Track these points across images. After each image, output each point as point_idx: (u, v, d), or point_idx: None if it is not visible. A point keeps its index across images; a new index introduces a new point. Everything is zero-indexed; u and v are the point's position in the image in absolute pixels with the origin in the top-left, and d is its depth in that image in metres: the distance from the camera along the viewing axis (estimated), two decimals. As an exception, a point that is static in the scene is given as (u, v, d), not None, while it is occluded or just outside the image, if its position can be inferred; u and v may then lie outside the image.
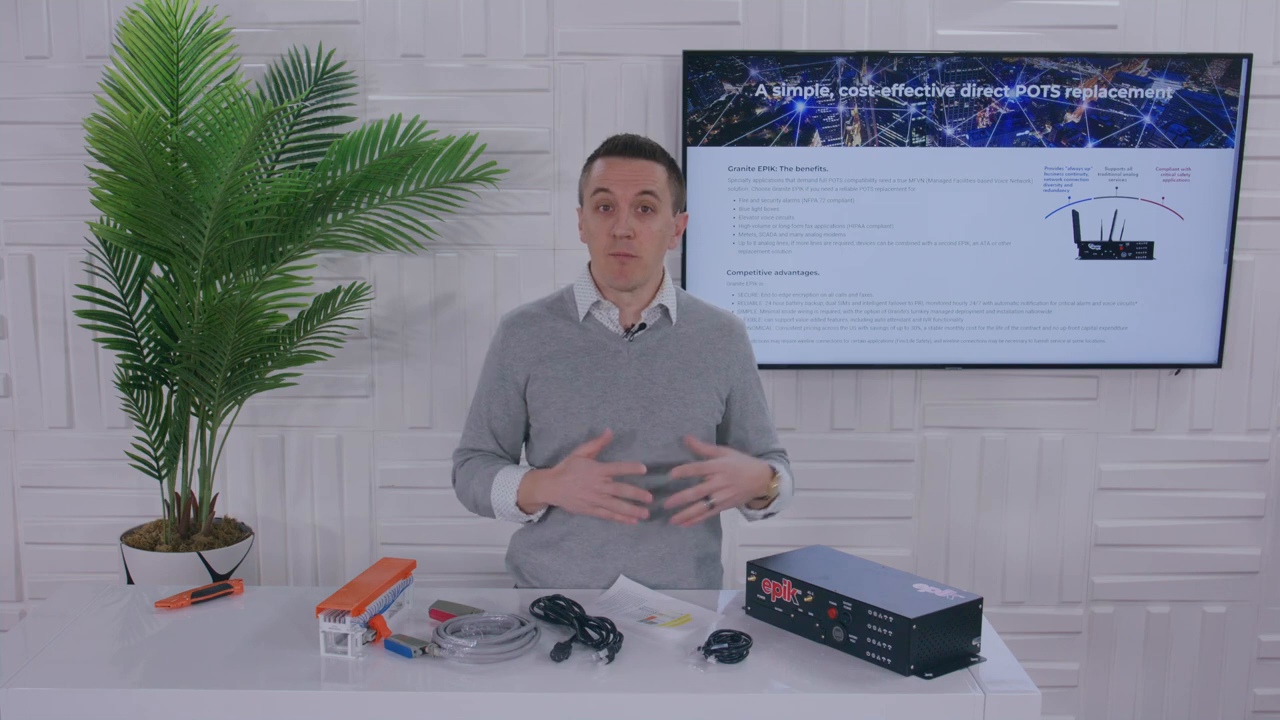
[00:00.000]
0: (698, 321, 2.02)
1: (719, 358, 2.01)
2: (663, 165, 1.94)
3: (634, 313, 1.98)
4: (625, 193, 1.89)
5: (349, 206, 2.74)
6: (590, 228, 1.95)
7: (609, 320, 1.98)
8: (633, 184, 1.90)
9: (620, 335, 1.97)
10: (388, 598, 1.69)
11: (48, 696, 1.53)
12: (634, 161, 1.91)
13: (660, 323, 1.99)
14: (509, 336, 2.01)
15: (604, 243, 1.92)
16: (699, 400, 1.97)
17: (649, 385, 1.95)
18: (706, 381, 1.99)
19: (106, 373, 2.91)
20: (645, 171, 1.91)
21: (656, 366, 1.96)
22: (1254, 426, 3.00)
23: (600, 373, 1.95)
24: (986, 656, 1.61)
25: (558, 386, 1.96)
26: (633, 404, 1.94)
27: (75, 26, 2.83)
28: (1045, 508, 3.03)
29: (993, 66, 2.78)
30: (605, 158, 1.94)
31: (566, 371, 1.96)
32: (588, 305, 1.98)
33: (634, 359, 1.96)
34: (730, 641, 1.61)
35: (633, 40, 2.84)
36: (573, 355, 1.97)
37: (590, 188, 1.94)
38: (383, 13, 2.84)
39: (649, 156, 1.93)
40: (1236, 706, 3.11)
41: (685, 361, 1.98)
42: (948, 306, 2.88)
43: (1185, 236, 2.86)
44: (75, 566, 3.01)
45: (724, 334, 2.03)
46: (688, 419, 1.96)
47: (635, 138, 1.96)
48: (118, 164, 2.44)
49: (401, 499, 3.01)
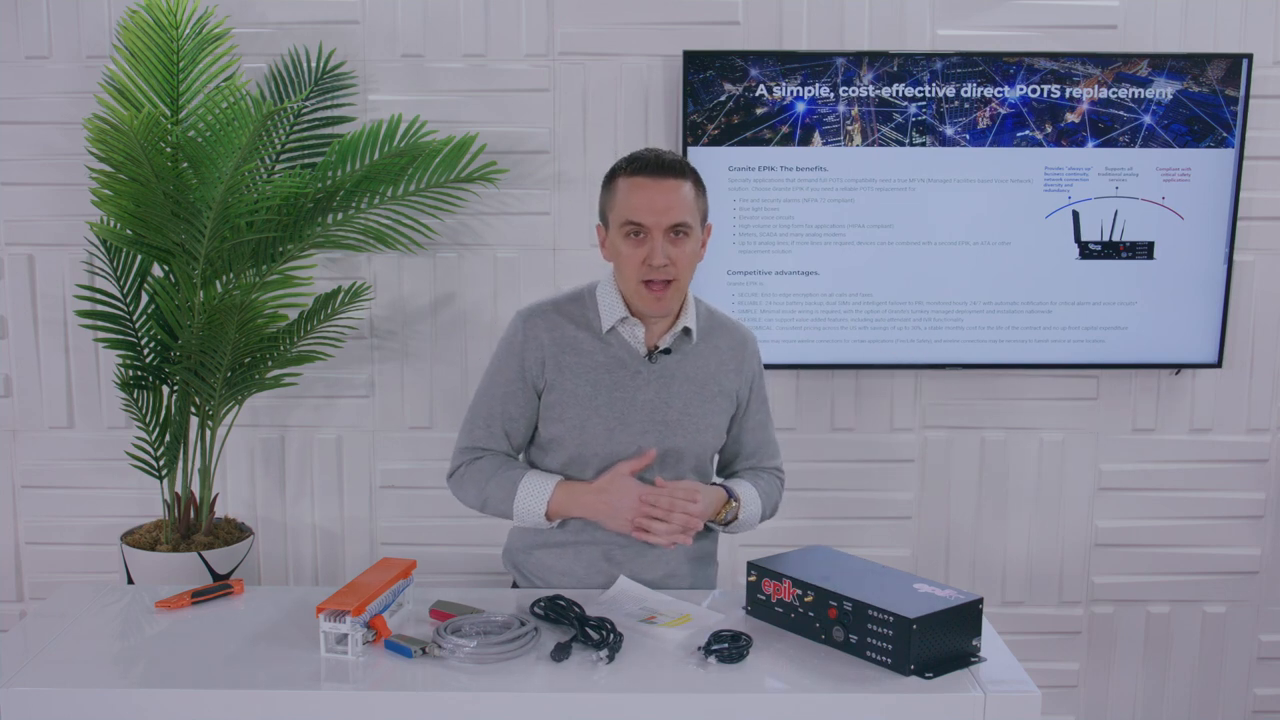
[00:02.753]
0: (714, 340, 1.99)
1: (730, 380, 1.99)
2: (690, 182, 1.87)
3: (659, 333, 1.94)
4: (658, 222, 1.83)
5: (349, 206, 2.74)
6: (621, 252, 1.87)
7: (633, 338, 1.93)
8: (666, 214, 1.83)
9: (642, 355, 1.93)
10: (388, 598, 1.69)
11: (48, 696, 1.53)
12: (664, 183, 1.84)
13: (680, 342, 1.96)
14: (529, 336, 1.93)
15: (637, 270, 1.85)
16: (710, 425, 1.97)
17: (665, 409, 1.93)
18: (718, 405, 1.98)
19: (106, 373, 2.91)
20: (676, 197, 1.84)
21: (673, 390, 1.94)
22: (1254, 426, 3.00)
23: (620, 393, 1.91)
24: (986, 656, 1.61)
25: (575, 402, 1.91)
26: (648, 428, 1.92)
27: (75, 26, 2.83)
28: (1045, 508, 3.03)
29: (993, 66, 2.78)
30: (631, 178, 1.86)
31: (586, 388, 1.91)
32: (613, 320, 1.92)
33: (653, 380, 1.93)
34: (730, 641, 1.61)
35: (633, 40, 2.84)
36: (593, 371, 1.92)
37: (618, 215, 1.86)
38: (383, 13, 2.84)
39: (678, 175, 1.85)
40: (1236, 706, 3.11)
41: (700, 385, 1.96)
42: (948, 306, 2.88)
43: (1185, 236, 2.86)
44: (75, 566, 3.01)
45: (736, 352, 2.01)
46: (698, 444, 1.96)
47: (661, 156, 1.87)
48: (118, 164, 2.44)
49: (401, 499, 3.01)
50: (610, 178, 1.91)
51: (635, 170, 1.86)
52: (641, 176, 1.85)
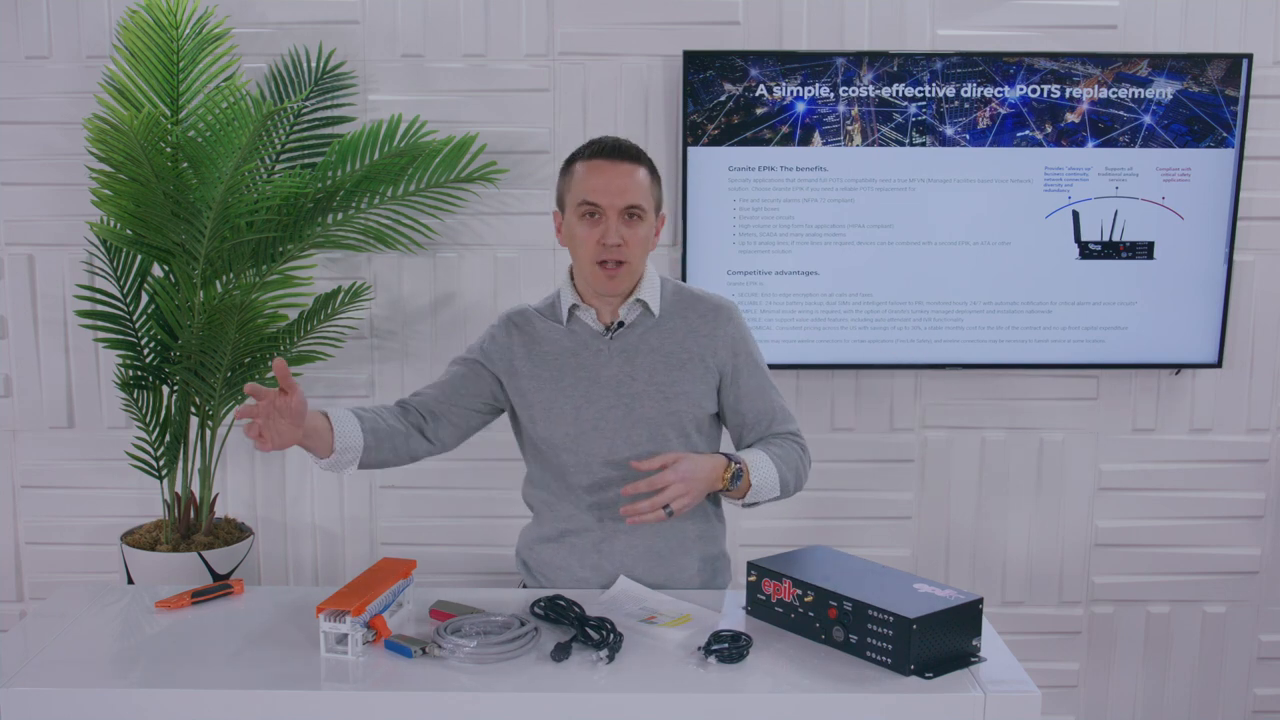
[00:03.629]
0: (683, 311, 2.00)
1: (703, 344, 1.98)
2: (645, 168, 1.93)
3: (612, 310, 1.98)
4: (613, 203, 1.89)
5: (349, 206, 2.74)
6: (576, 235, 1.93)
7: (590, 320, 1.99)
8: (620, 195, 1.89)
9: (601, 334, 1.98)
10: (388, 598, 1.69)
11: (48, 696, 1.53)
12: (619, 166, 1.90)
13: (642, 317, 1.99)
14: (502, 333, 2.03)
15: (592, 251, 1.91)
16: (682, 393, 1.96)
17: (630, 382, 1.95)
18: (690, 372, 1.97)
19: (106, 373, 2.91)
20: (631, 180, 1.90)
21: (638, 362, 1.96)
22: (1254, 426, 3.00)
23: (583, 372, 1.97)
24: (986, 656, 1.61)
25: (542, 386, 1.98)
26: (614, 402, 1.95)
27: (75, 26, 2.83)
28: (1045, 508, 3.03)
29: (993, 66, 2.78)
30: (588, 161, 1.92)
31: (552, 372, 1.98)
32: (567, 305, 1.99)
33: (615, 356, 1.97)
34: (730, 641, 1.61)
35: (633, 40, 2.84)
36: (559, 356, 1.99)
37: (574, 196, 1.93)
38: (383, 13, 2.84)
39: (632, 159, 1.92)
40: (1236, 706, 3.11)
41: (667, 354, 1.97)
42: (948, 306, 2.88)
43: (1185, 236, 2.86)
44: (75, 566, 3.01)
45: (708, 319, 2.00)
46: (670, 413, 1.95)
47: (619, 141, 1.94)
48: (118, 164, 2.44)
49: (401, 499, 3.01)
50: (568, 164, 1.97)
51: (593, 154, 1.93)
52: (599, 160, 1.92)
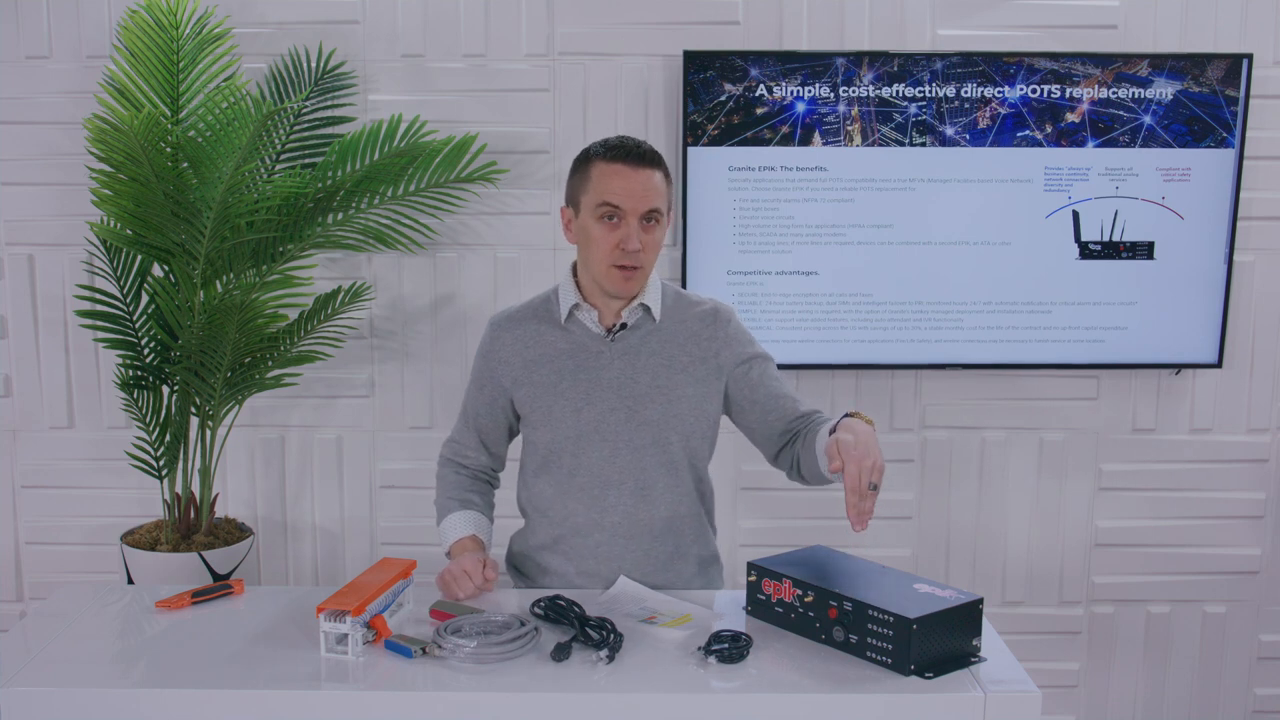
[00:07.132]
0: (682, 316, 2.00)
1: (705, 348, 1.98)
2: (661, 172, 1.91)
3: (614, 313, 1.96)
4: (635, 207, 1.86)
5: (349, 206, 2.74)
6: (592, 235, 1.89)
7: (590, 321, 1.96)
8: (643, 200, 1.86)
9: (602, 336, 1.96)
10: (388, 598, 1.69)
11: (48, 696, 1.53)
12: (640, 172, 1.87)
13: (642, 320, 1.97)
14: (495, 340, 2.01)
15: (608, 254, 1.88)
16: (686, 396, 1.95)
17: (632, 384, 1.94)
18: (694, 375, 1.96)
19: (106, 373, 2.91)
20: (652, 184, 1.88)
21: (640, 365, 1.95)
22: (1254, 426, 3.00)
23: (584, 375, 1.94)
24: (987, 656, 1.60)
25: (542, 391, 1.96)
26: (616, 404, 1.93)
27: (75, 26, 2.83)
28: (1045, 508, 3.03)
29: (993, 66, 2.78)
30: (609, 164, 1.88)
31: (551, 376, 1.95)
32: (569, 306, 1.96)
33: (616, 359, 1.95)
34: (730, 641, 1.61)
35: (633, 40, 2.84)
36: (556, 359, 1.96)
37: (592, 196, 1.89)
38: (383, 13, 2.84)
39: (652, 164, 1.89)
40: (1236, 706, 3.11)
41: (669, 358, 1.96)
42: (948, 306, 2.88)
43: (1185, 236, 2.86)
44: (75, 566, 3.01)
45: (708, 323, 1.99)
46: (673, 416, 1.94)
47: (638, 144, 1.91)
48: (118, 164, 2.44)
49: (401, 499, 3.01)
50: (583, 161, 1.93)
51: (614, 157, 1.89)
52: (620, 164, 1.88)
